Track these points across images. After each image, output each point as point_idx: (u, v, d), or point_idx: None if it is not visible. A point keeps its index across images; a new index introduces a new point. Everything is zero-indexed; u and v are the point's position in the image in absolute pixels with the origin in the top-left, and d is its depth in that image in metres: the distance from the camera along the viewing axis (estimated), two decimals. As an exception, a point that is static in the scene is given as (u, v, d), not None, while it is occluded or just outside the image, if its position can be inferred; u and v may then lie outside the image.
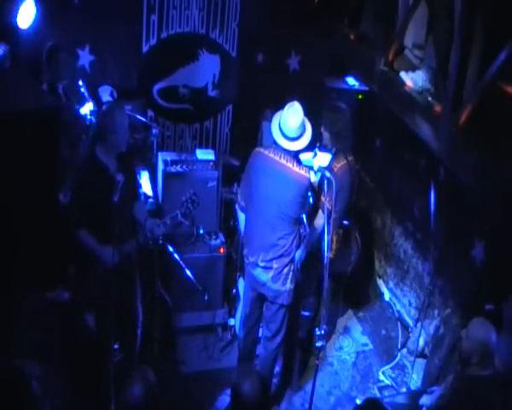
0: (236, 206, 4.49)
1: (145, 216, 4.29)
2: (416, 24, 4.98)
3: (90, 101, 5.14)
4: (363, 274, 6.17)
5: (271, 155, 4.08)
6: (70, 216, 3.97)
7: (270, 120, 4.24)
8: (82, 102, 5.08)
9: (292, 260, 4.26)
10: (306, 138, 4.05)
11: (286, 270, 4.23)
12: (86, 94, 5.14)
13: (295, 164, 4.03)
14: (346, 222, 4.76)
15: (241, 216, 4.43)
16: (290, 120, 3.98)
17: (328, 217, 4.04)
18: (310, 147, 4.33)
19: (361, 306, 5.93)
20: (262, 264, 4.23)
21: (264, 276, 4.25)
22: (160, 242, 4.70)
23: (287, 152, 4.05)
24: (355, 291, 5.97)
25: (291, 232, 4.17)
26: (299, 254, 4.30)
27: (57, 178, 4.25)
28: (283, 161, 4.04)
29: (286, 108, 4.03)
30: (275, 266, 4.21)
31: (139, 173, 5.26)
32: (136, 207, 4.26)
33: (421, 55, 5.02)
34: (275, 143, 4.08)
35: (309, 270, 4.70)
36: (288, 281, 4.26)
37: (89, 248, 3.95)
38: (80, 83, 5.14)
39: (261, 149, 4.20)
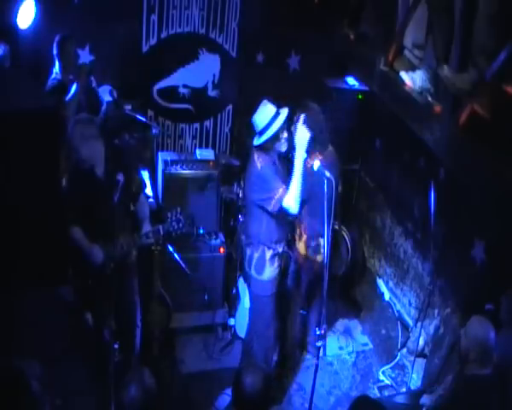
0: None
1: (146, 217, 4.32)
2: (415, 24, 4.98)
3: (99, 95, 5.18)
4: (363, 274, 6.19)
5: None
6: (64, 213, 4.00)
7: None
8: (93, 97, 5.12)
9: (251, 245, 4.37)
10: (266, 135, 4.19)
11: (249, 251, 4.40)
12: (97, 88, 5.16)
13: (256, 152, 4.26)
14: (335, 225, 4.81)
15: None
16: (256, 116, 4.26)
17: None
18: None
19: (361, 306, 5.93)
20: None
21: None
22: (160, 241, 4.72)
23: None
24: (355, 291, 5.99)
25: (249, 217, 4.41)
26: None
27: (60, 163, 4.24)
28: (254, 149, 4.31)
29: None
30: (243, 242, 4.50)
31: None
32: (138, 206, 4.28)
33: (421, 55, 5.02)
34: None
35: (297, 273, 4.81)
36: (252, 267, 4.39)
37: (79, 247, 3.98)
38: (91, 78, 5.16)
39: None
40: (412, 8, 4.98)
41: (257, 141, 4.25)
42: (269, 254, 4.34)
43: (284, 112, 4.23)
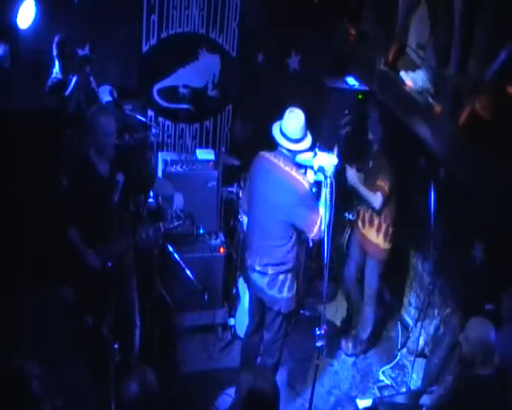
0: (240, 209, 4.56)
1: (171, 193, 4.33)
2: (421, 24, 4.97)
3: (99, 96, 5.18)
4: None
5: (272, 158, 4.09)
6: (62, 213, 4.02)
7: None
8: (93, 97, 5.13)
9: (291, 270, 4.21)
10: (308, 141, 4.05)
11: (282, 277, 4.18)
12: (96, 89, 5.16)
13: (294, 169, 4.02)
14: None
15: (245, 219, 4.45)
16: (292, 122, 4.00)
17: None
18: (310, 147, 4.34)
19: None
20: (258, 268, 4.21)
21: (261, 281, 4.23)
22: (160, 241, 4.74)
23: (286, 156, 4.04)
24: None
25: (286, 243, 4.12)
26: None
27: (60, 163, 4.24)
28: (282, 165, 4.02)
29: (287, 112, 4.05)
30: (270, 271, 4.18)
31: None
32: (157, 184, 4.29)
33: (424, 54, 5.01)
34: (278, 145, 4.08)
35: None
36: (285, 289, 4.21)
37: (76, 248, 4.00)
38: (91, 78, 5.16)
39: (264, 153, 4.19)
40: (412, 8, 4.97)
41: (293, 146, 4.02)
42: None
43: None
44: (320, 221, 3.94)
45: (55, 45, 5.04)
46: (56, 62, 5.07)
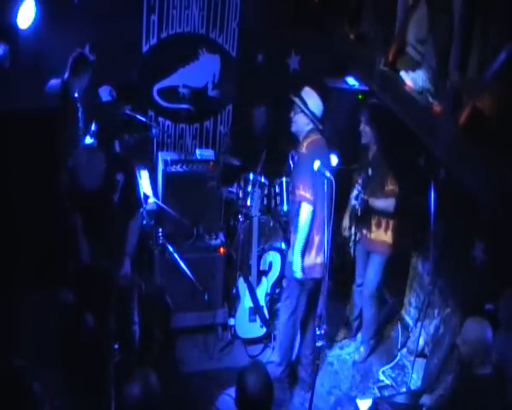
0: (307, 205, 4.25)
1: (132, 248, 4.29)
2: (418, 20, 4.97)
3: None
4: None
5: (317, 135, 4.56)
6: (65, 201, 4.00)
7: None
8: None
9: None
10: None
11: None
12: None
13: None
14: None
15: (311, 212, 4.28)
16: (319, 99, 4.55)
17: None
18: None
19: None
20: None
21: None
22: (161, 241, 4.74)
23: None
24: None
25: None
26: None
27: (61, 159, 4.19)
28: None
29: (312, 93, 4.52)
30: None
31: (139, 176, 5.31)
32: (134, 218, 4.23)
33: (423, 49, 5.01)
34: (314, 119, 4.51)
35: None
36: None
37: (74, 236, 3.99)
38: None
39: (313, 136, 4.53)
40: (411, 8, 4.97)
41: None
42: None
43: None
44: None
45: (72, 57, 5.08)
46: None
